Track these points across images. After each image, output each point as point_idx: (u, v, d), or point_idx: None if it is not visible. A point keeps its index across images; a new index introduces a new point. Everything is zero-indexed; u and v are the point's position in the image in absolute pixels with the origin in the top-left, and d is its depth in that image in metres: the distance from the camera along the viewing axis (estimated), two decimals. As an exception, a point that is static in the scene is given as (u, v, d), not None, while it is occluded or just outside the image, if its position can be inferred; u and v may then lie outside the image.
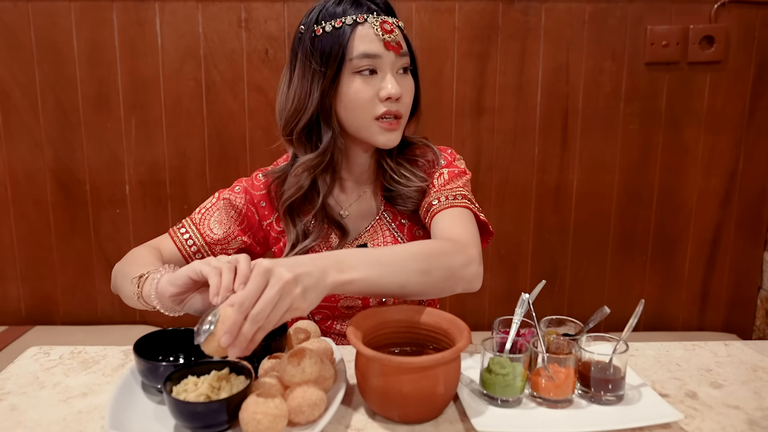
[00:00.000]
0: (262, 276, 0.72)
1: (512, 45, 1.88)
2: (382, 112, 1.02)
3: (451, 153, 1.18)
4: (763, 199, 2.01)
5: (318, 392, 0.76)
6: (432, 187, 1.10)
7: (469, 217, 1.03)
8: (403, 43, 1.04)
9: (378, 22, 1.01)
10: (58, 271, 1.99)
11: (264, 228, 1.17)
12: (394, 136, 1.05)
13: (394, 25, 1.03)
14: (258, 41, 1.86)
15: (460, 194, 1.06)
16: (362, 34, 1.01)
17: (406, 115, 1.07)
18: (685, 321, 2.08)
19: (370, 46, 1.01)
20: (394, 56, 1.02)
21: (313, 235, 1.10)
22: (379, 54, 1.01)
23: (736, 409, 0.84)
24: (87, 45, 1.84)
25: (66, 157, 1.91)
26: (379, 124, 1.03)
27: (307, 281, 0.75)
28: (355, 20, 1.01)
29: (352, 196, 1.16)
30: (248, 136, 1.92)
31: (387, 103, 1.02)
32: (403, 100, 1.04)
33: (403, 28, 1.07)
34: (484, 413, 0.80)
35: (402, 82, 1.04)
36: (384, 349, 0.84)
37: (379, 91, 1.02)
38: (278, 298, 0.72)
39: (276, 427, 0.71)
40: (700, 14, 1.86)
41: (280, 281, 0.72)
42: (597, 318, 0.90)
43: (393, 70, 1.03)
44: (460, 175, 1.11)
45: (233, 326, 0.70)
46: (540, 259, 2.00)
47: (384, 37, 1.01)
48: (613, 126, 1.94)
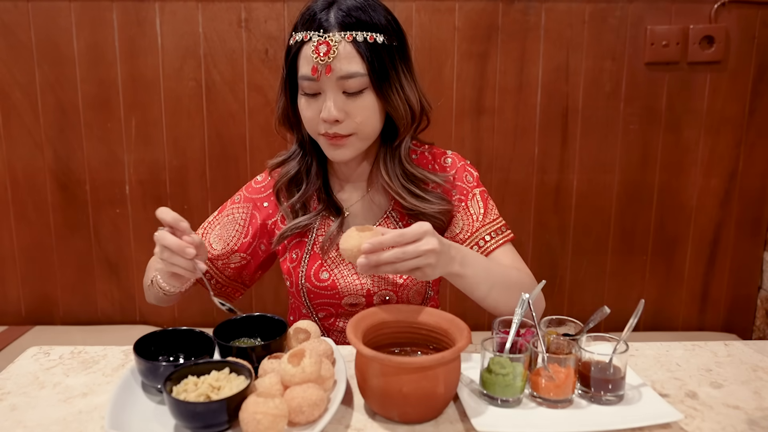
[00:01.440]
0: (421, 231, 0.85)
1: (512, 45, 1.88)
2: (323, 132, 1.02)
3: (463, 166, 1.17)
4: (763, 199, 2.01)
5: (318, 392, 0.76)
6: (469, 215, 1.13)
7: (515, 252, 1.15)
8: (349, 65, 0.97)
9: (316, 41, 0.97)
10: (58, 271, 1.99)
11: (269, 228, 1.18)
12: (340, 152, 1.04)
13: (338, 42, 0.96)
14: (258, 41, 1.86)
15: (503, 225, 1.15)
16: (304, 55, 0.99)
17: (362, 131, 1.03)
18: (685, 321, 2.08)
19: (305, 69, 0.99)
20: (333, 79, 0.98)
21: (312, 213, 1.13)
22: (311, 77, 0.99)
23: (736, 409, 0.84)
24: (87, 45, 1.84)
25: (66, 157, 1.91)
26: (324, 139, 1.04)
27: (443, 259, 0.89)
28: (302, 38, 0.99)
29: (353, 196, 1.16)
30: (248, 136, 1.92)
31: (325, 125, 1.01)
32: (348, 120, 1.01)
33: (366, 40, 0.97)
34: (484, 413, 0.80)
35: (349, 102, 1.00)
36: (384, 349, 0.85)
37: (320, 111, 1.01)
38: (422, 254, 0.84)
39: (276, 427, 0.71)
40: (700, 14, 1.86)
41: (431, 244, 0.85)
42: (597, 318, 0.90)
43: (337, 91, 0.99)
44: (488, 196, 1.18)
45: (380, 244, 0.83)
46: (540, 259, 2.00)
47: (315, 60, 0.97)
48: (613, 126, 1.94)
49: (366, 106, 1.01)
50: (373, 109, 1.02)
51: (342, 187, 1.17)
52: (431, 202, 1.09)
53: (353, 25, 0.97)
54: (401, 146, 1.09)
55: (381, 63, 0.99)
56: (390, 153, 1.10)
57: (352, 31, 0.97)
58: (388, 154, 1.10)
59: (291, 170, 1.14)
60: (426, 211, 1.09)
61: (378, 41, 0.98)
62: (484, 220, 1.13)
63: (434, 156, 1.18)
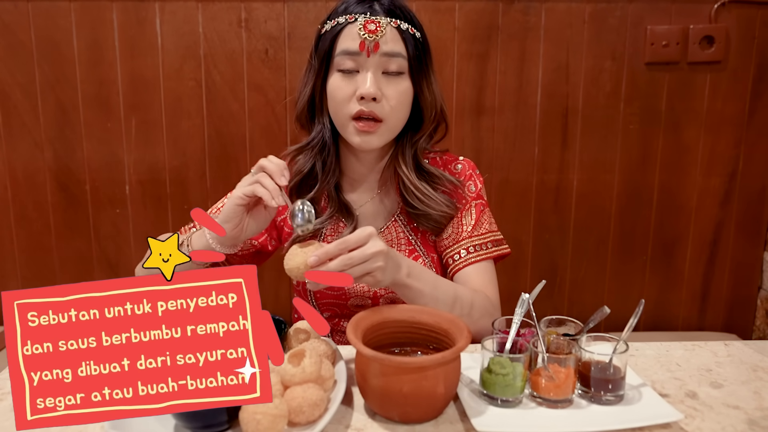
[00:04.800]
0: (366, 235, 0.84)
1: (512, 45, 1.88)
2: (356, 112, 1.02)
3: (470, 174, 1.17)
4: (763, 199, 2.01)
5: (318, 392, 0.76)
6: (460, 224, 1.13)
7: (493, 268, 1.15)
8: (394, 45, 1.01)
9: (364, 20, 1.00)
10: (58, 271, 1.99)
11: (278, 225, 1.18)
12: (368, 139, 1.04)
13: (385, 24, 1.00)
14: (258, 41, 1.86)
15: (489, 241, 1.13)
16: (348, 33, 1.02)
17: (391, 120, 1.04)
18: (685, 321, 2.08)
19: (350, 44, 1.01)
20: (376, 56, 1.00)
21: (322, 217, 1.12)
22: (356, 51, 1.00)
23: (736, 409, 0.84)
24: (87, 45, 1.84)
25: (66, 157, 1.91)
26: (354, 124, 1.03)
27: (392, 263, 0.89)
28: (347, 19, 1.01)
29: (363, 197, 1.16)
30: (248, 136, 1.92)
31: (363, 103, 1.01)
32: (383, 102, 1.02)
33: (408, 30, 1.03)
34: (484, 413, 0.80)
35: (387, 84, 1.02)
36: (384, 349, 0.84)
37: (357, 89, 1.01)
38: (370, 258, 0.84)
39: (276, 427, 0.71)
40: (700, 14, 1.86)
41: (378, 247, 0.84)
42: (597, 318, 0.90)
43: (376, 70, 1.01)
44: (484, 209, 1.16)
45: (325, 254, 0.82)
46: (540, 259, 2.00)
47: (363, 36, 1.00)
48: (613, 126, 1.94)
49: (402, 91, 1.04)
50: (407, 97, 1.05)
51: (352, 188, 1.17)
52: (438, 202, 1.09)
53: (398, 15, 1.03)
54: (420, 141, 1.11)
55: (419, 54, 1.04)
56: (409, 146, 1.11)
57: (397, 19, 1.03)
58: (407, 147, 1.11)
59: (305, 167, 1.12)
60: (431, 213, 1.09)
61: (416, 36, 1.04)
62: (472, 232, 1.13)
63: (446, 162, 1.19)
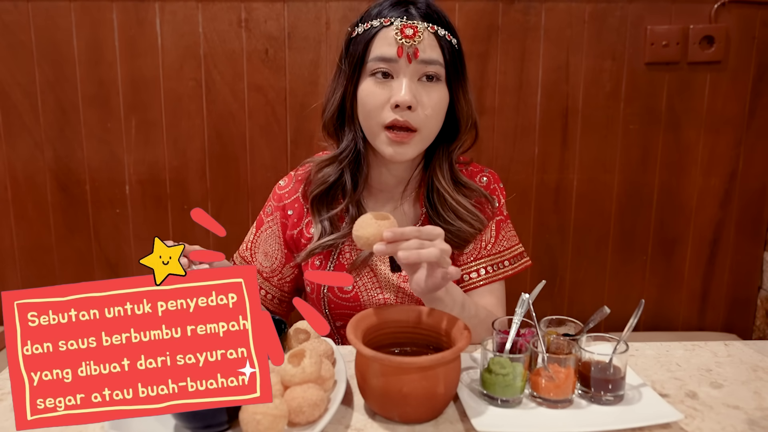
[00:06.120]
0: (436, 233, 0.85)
1: (512, 45, 1.88)
2: (390, 121, 0.98)
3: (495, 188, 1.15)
4: (763, 199, 2.01)
5: (318, 392, 0.76)
6: (480, 240, 1.11)
7: (504, 287, 1.15)
8: (431, 52, 0.98)
9: (401, 25, 0.97)
10: (58, 271, 1.99)
11: (295, 237, 1.15)
12: (401, 150, 1.00)
13: (423, 29, 0.97)
14: (258, 41, 1.86)
15: (507, 259, 1.13)
16: (383, 37, 0.98)
17: (426, 129, 1.01)
18: (685, 321, 2.08)
19: (386, 49, 0.98)
20: (413, 62, 0.97)
21: (340, 233, 1.08)
22: (392, 57, 0.97)
23: (736, 409, 0.84)
24: (87, 45, 1.84)
25: (66, 157, 1.91)
26: (387, 134, 0.99)
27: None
28: (382, 23, 0.98)
29: (385, 206, 1.13)
30: (248, 136, 1.92)
31: (397, 111, 0.97)
32: (419, 111, 0.98)
33: (445, 36, 1.00)
34: (484, 413, 0.80)
35: (423, 92, 0.99)
36: (384, 349, 0.84)
37: (391, 97, 0.98)
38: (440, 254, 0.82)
39: (276, 427, 0.71)
40: (700, 14, 1.86)
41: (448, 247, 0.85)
42: (597, 318, 0.90)
43: (412, 77, 0.98)
44: (504, 223, 1.14)
45: (401, 234, 0.82)
46: (540, 259, 2.00)
47: (400, 41, 0.96)
48: (613, 126, 1.94)
49: (437, 99, 1.00)
50: (442, 105, 1.02)
51: (374, 197, 1.13)
52: (471, 218, 1.07)
53: (435, 20, 1.00)
54: (456, 151, 1.08)
55: (455, 59, 1.01)
56: (446, 157, 1.08)
57: (434, 24, 0.99)
58: (444, 158, 1.08)
59: (331, 177, 1.08)
60: (463, 227, 1.07)
61: (453, 42, 1.02)
62: (491, 250, 1.13)
63: (471, 174, 1.16)
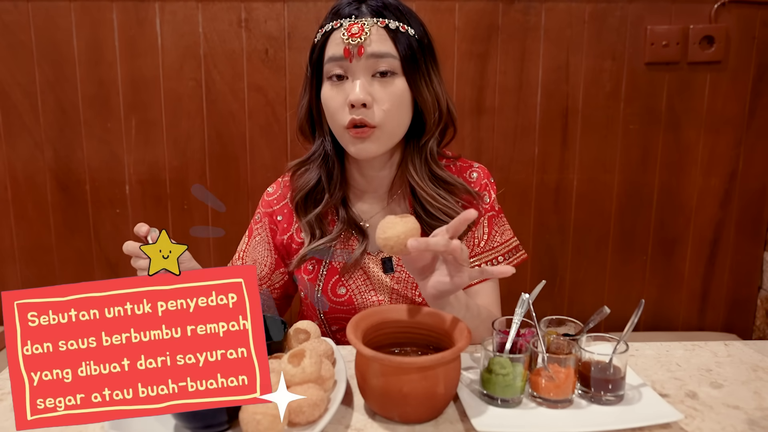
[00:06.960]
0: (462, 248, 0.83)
1: (512, 45, 1.88)
2: (348, 121, 0.98)
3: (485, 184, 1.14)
4: (763, 199, 2.01)
5: (318, 392, 0.76)
6: (473, 238, 1.11)
7: (498, 284, 1.15)
8: (381, 46, 0.97)
9: (348, 24, 0.97)
10: (58, 271, 1.99)
11: (285, 243, 1.15)
12: (364, 146, 1.00)
13: (371, 26, 0.96)
14: (258, 41, 1.86)
15: (502, 254, 1.13)
16: (333, 39, 0.99)
17: (387, 124, 1.00)
18: (685, 321, 2.08)
19: (335, 50, 0.98)
20: (364, 59, 0.96)
21: (331, 236, 1.09)
22: (340, 57, 0.97)
23: (736, 409, 0.84)
24: (87, 45, 1.84)
25: (66, 157, 1.91)
26: (349, 133, 0.99)
27: None
28: (332, 26, 0.99)
29: (373, 207, 1.13)
30: (248, 136, 1.92)
31: (354, 111, 0.97)
32: (375, 107, 0.98)
33: (399, 28, 0.99)
34: (484, 413, 0.80)
35: (379, 88, 0.98)
36: (384, 349, 0.84)
37: (347, 97, 0.98)
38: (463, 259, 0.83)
39: (276, 427, 0.71)
40: (700, 14, 1.86)
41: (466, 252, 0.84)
42: (597, 318, 0.90)
43: (366, 75, 0.98)
44: (496, 218, 1.14)
45: (425, 244, 0.80)
46: (540, 259, 2.00)
47: (346, 41, 0.96)
48: (613, 126, 1.94)
49: (395, 93, 0.99)
50: (402, 98, 1.00)
51: (361, 199, 1.13)
52: (457, 212, 1.05)
53: (385, 14, 0.98)
54: (427, 145, 1.07)
55: (412, 51, 0.99)
56: (417, 152, 1.07)
57: (384, 18, 0.98)
58: (415, 153, 1.07)
59: (311, 181, 1.10)
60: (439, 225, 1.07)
61: (409, 33, 1.00)
62: (484, 247, 1.13)
63: (460, 169, 1.15)
